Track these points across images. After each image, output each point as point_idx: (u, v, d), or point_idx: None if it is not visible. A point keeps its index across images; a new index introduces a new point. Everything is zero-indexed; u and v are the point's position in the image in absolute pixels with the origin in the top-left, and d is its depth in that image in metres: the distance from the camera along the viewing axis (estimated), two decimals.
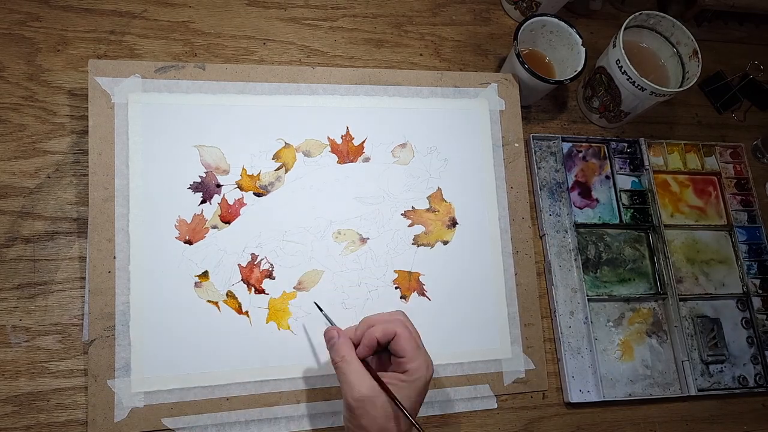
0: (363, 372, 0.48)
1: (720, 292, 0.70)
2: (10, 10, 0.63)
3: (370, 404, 0.46)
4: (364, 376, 0.47)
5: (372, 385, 0.47)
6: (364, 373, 0.47)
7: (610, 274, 0.68)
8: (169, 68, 0.60)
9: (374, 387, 0.47)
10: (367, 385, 0.47)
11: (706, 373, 0.66)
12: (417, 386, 0.47)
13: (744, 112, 0.82)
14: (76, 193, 0.59)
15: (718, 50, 0.84)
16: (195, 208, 0.58)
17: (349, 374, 0.47)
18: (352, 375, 0.47)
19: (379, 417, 0.46)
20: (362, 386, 0.46)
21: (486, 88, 0.68)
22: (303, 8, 0.71)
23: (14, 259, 0.56)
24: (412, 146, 0.65)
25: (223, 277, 0.57)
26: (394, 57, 0.72)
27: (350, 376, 0.47)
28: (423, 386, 0.48)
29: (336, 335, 0.50)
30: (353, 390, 0.46)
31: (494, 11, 0.78)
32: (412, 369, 0.47)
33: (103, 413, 0.52)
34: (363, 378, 0.47)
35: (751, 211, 0.74)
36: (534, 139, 0.70)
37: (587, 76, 0.74)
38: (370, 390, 0.46)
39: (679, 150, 0.75)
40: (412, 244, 0.62)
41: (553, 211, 0.69)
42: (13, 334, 0.54)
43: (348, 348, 0.49)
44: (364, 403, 0.46)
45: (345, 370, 0.48)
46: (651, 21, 0.70)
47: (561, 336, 0.64)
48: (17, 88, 0.60)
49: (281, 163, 0.61)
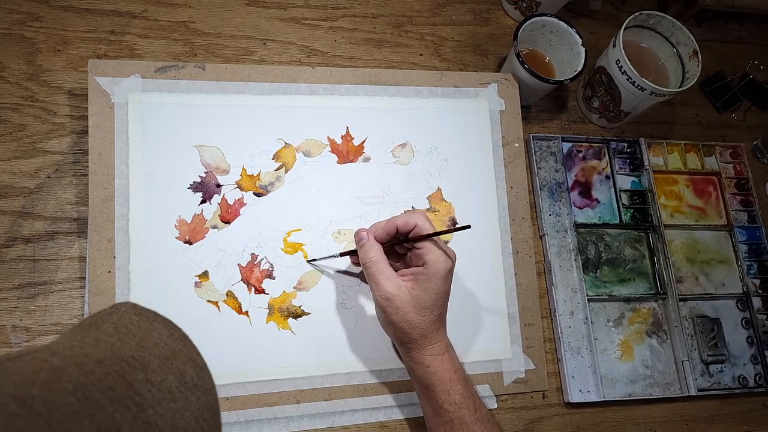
0: (390, 271, 0.51)
1: (720, 292, 0.70)
2: (10, 10, 0.63)
3: (397, 300, 0.50)
4: (390, 275, 0.51)
5: (398, 283, 0.50)
6: (390, 272, 0.51)
7: (610, 274, 0.68)
8: (169, 68, 0.60)
9: (400, 285, 0.50)
10: (393, 283, 0.50)
11: (706, 373, 0.66)
12: (438, 278, 0.50)
13: (744, 112, 0.82)
14: (76, 193, 0.58)
15: (718, 50, 0.84)
16: (195, 208, 0.58)
17: (377, 274, 0.51)
18: (379, 275, 0.50)
19: (406, 312, 0.50)
20: (389, 285, 0.50)
21: (486, 88, 0.68)
22: (303, 8, 0.71)
23: (14, 259, 0.56)
24: (412, 146, 0.65)
25: (223, 277, 0.57)
26: (394, 57, 0.72)
27: (377, 277, 0.50)
28: (443, 277, 0.50)
29: (365, 237, 0.53)
30: (381, 289, 0.50)
31: (494, 11, 0.78)
32: (431, 260, 0.50)
33: None
34: (390, 277, 0.50)
35: (751, 211, 0.74)
36: (534, 139, 0.70)
37: (587, 76, 0.74)
38: (396, 288, 0.50)
39: (679, 150, 0.75)
40: None
41: (553, 211, 0.69)
42: (13, 334, 0.54)
43: (376, 250, 0.52)
44: (392, 300, 0.50)
45: (373, 270, 0.51)
46: (651, 21, 0.70)
47: (561, 336, 0.64)
48: (17, 88, 0.60)
49: (281, 163, 0.61)
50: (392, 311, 0.50)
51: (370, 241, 0.52)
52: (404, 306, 0.50)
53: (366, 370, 0.58)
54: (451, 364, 0.51)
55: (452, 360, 0.52)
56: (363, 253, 0.52)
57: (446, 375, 0.51)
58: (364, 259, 0.52)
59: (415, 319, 0.50)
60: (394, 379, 0.58)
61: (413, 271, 0.51)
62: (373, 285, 0.51)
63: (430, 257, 0.50)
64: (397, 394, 0.58)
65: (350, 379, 0.57)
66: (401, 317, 0.50)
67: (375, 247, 0.52)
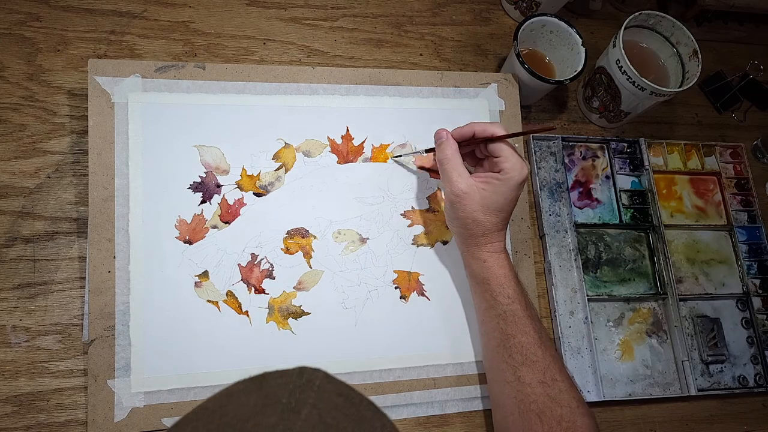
0: (463, 170, 0.54)
1: (720, 292, 0.70)
2: (10, 10, 0.63)
3: (467, 198, 0.53)
4: (463, 173, 0.53)
5: (470, 182, 0.53)
6: (463, 171, 0.54)
7: (610, 274, 0.68)
8: (169, 68, 0.60)
9: (471, 184, 0.53)
10: (465, 182, 0.53)
11: (706, 373, 0.66)
12: (511, 185, 0.53)
13: (744, 112, 0.82)
14: (76, 193, 0.58)
15: (718, 50, 0.84)
16: (195, 208, 0.58)
17: (451, 172, 0.54)
18: (453, 173, 0.53)
19: (474, 210, 0.53)
20: (461, 182, 0.53)
21: (486, 88, 0.68)
22: (303, 8, 0.71)
23: (14, 259, 0.56)
24: (412, 146, 0.65)
25: (223, 276, 0.57)
26: (394, 57, 0.72)
27: (451, 174, 0.54)
28: (516, 185, 0.53)
29: (444, 136, 0.56)
30: (453, 185, 0.53)
31: (494, 11, 0.78)
32: (507, 168, 0.53)
33: (103, 413, 0.52)
34: (462, 175, 0.53)
35: (751, 211, 0.74)
36: (534, 139, 0.70)
37: (587, 76, 0.74)
38: (467, 187, 0.53)
39: (679, 150, 0.75)
40: (412, 244, 0.62)
41: (553, 211, 0.69)
42: (13, 334, 0.54)
43: (453, 149, 0.55)
44: (461, 198, 0.53)
45: (447, 167, 0.54)
46: (651, 21, 0.70)
47: (561, 336, 0.63)
48: (17, 88, 0.60)
49: (281, 163, 0.61)
50: (461, 207, 0.53)
51: (448, 140, 0.55)
52: (472, 204, 0.53)
53: (366, 370, 0.58)
54: (507, 262, 0.55)
55: (508, 259, 0.56)
56: (440, 151, 0.55)
57: (502, 271, 0.54)
58: (440, 156, 0.55)
59: (481, 218, 0.53)
60: (394, 379, 0.58)
61: (488, 175, 0.54)
62: (446, 181, 0.54)
63: (506, 165, 0.53)
64: (397, 394, 0.58)
65: (350, 379, 0.57)
66: (468, 214, 0.53)
67: (452, 146, 0.55)
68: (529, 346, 0.52)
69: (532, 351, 0.51)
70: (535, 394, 0.50)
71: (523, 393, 0.51)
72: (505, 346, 0.53)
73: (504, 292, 0.54)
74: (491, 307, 0.54)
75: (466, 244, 0.56)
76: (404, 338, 0.59)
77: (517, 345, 0.52)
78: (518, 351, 0.52)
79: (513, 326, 0.52)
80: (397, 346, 0.59)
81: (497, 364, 0.53)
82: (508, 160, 0.53)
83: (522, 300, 0.54)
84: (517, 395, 0.51)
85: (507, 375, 0.52)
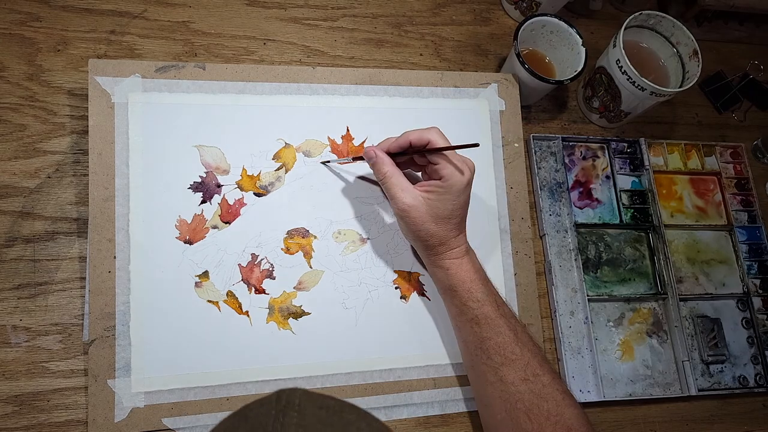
0: (406, 184, 0.53)
1: (720, 292, 0.70)
2: (10, 10, 0.63)
3: (414, 211, 0.52)
4: (406, 187, 0.52)
5: (414, 194, 0.52)
6: (406, 185, 0.53)
7: (610, 274, 0.68)
8: (169, 68, 0.60)
9: (416, 195, 0.52)
10: (409, 195, 0.52)
11: (707, 373, 0.66)
12: (454, 191, 0.51)
13: (744, 112, 0.82)
14: (76, 193, 0.58)
15: (718, 50, 0.84)
16: (195, 208, 0.58)
17: (392, 188, 0.53)
18: (395, 188, 0.53)
19: (424, 222, 0.52)
20: (405, 197, 0.52)
21: (486, 88, 0.68)
22: (303, 8, 0.71)
23: (14, 259, 0.56)
24: None
25: (224, 277, 0.57)
26: (394, 57, 0.72)
27: (393, 190, 0.53)
28: (459, 190, 0.52)
29: (373, 154, 0.54)
30: (398, 201, 0.52)
31: (494, 11, 0.78)
32: (447, 174, 0.51)
33: (103, 413, 0.52)
34: (406, 189, 0.52)
35: (751, 211, 0.74)
36: (534, 139, 0.70)
37: (587, 76, 0.74)
38: (413, 199, 0.52)
39: (680, 150, 0.75)
40: None
41: (553, 211, 0.69)
42: (13, 334, 0.54)
43: (388, 164, 0.53)
44: (409, 212, 0.52)
45: (388, 184, 0.53)
46: (651, 21, 0.70)
47: (561, 336, 0.63)
48: (17, 88, 0.60)
49: (281, 163, 0.61)
50: (411, 221, 0.53)
51: (378, 158, 0.54)
52: (422, 216, 0.52)
53: (366, 370, 0.58)
54: (471, 266, 0.54)
55: (472, 262, 0.55)
56: (376, 170, 0.54)
57: (467, 276, 0.53)
58: (378, 175, 0.54)
59: (433, 228, 0.52)
60: (394, 379, 0.58)
61: (431, 184, 0.53)
62: (390, 198, 0.53)
63: (446, 171, 0.51)
64: (397, 394, 0.58)
65: (350, 379, 0.57)
66: (420, 227, 0.52)
67: (387, 162, 0.53)
68: (506, 346, 0.51)
69: (509, 350, 0.51)
70: (520, 392, 0.50)
71: (508, 392, 0.50)
72: (482, 348, 0.52)
73: (472, 297, 0.53)
74: (462, 312, 0.54)
75: (425, 256, 0.56)
76: (404, 338, 0.59)
77: (494, 346, 0.52)
78: (496, 352, 0.51)
79: (487, 329, 0.52)
80: (398, 346, 0.59)
81: (478, 367, 0.53)
82: (447, 167, 0.52)
83: (492, 301, 0.53)
84: (501, 395, 0.51)
85: (489, 377, 0.52)
